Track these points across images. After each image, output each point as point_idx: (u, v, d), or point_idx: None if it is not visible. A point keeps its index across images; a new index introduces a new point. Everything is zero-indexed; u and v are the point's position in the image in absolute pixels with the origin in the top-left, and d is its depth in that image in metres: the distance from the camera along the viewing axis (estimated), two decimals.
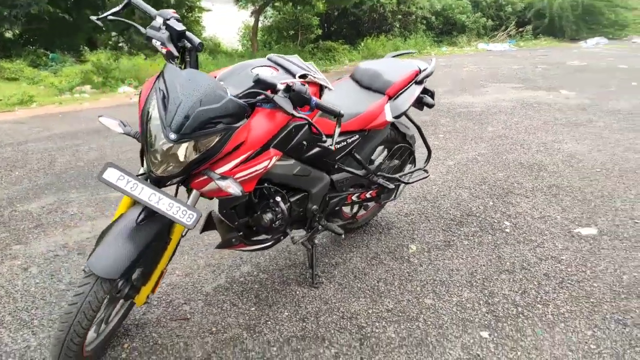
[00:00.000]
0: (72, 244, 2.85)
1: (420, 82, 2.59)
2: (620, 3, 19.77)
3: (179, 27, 1.71)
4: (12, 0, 14.23)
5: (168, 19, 1.73)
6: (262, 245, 2.24)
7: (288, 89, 1.71)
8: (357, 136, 2.33)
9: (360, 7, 15.23)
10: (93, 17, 1.84)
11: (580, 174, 4.00)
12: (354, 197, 2.58)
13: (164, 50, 1.69)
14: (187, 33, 1.73)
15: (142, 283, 1.81)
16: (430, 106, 2.65)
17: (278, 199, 2.01)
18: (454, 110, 6.39)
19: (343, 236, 2.74)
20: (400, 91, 2.48)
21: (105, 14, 1.77)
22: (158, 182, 1.65)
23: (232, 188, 1.64)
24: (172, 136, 1.53)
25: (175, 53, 1.70)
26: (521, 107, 6.61)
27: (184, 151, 1.57)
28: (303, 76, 1.85)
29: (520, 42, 17.90)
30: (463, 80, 8.96)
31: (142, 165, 1.74)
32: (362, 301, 2.32)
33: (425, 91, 2.71)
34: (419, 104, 2.69)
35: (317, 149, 2.10)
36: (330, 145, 1.82)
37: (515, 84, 8.57)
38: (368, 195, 2.66)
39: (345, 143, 2.27)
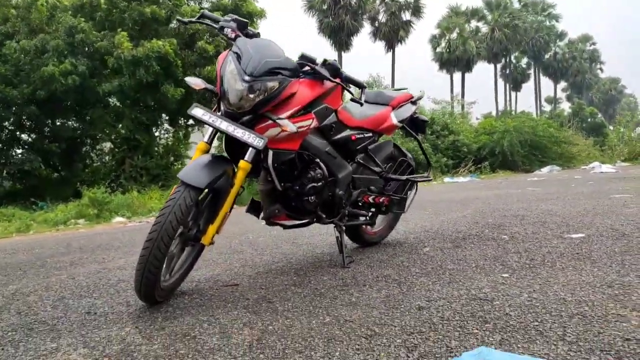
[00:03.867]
0: (110, 267, 3.05)
1: (414, 103, 3.18)
2: (562, 139, 22.26)
3: (244, 20, 2.31)
4: (7, 159, 15.12)
5: (234, 18, 2.33)
6: (299, 222, 2.56)
7: (324, 62, 2.26)
8: (371, 134, 2.82)
9: None
10: (179, 18, 2.44)
11: (560, 217, 4.45)
12: (370, 199, 2.96)
13: (233, 35, 2.25)
14: (249, 27, 2.33)
15: (210, 222, 2.09)
16: (424, 122, 3.21)
17: (317, 160, 2.41)
18: (435, 199, 6.99)
19: (367, 218, 3.03)
20: (400, 104, 3.05)
21: (186, 20, 2.37)
22: (232, 118, 2.07)
23: (289, 127, 2.08)
24: (247, 78, 2.01)
25: (242, 37, 2.27)
26: (495, 197, 7.26)
27: (253, 91, 2.04)
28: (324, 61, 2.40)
29: (481, 175, 19.53)
30: (441, 192, 9.76)
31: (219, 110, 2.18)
32: (391, 270, 2.57)
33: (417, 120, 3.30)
34: (415, 125, 3.24)
35: (342, 134, 2.58)
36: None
37: (486, 190, 9.39)
38: (381, 200, 3.04)
39: (362, 136, 2.75)
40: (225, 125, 2.03)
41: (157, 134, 15.12)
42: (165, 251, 1.88)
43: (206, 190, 2.05)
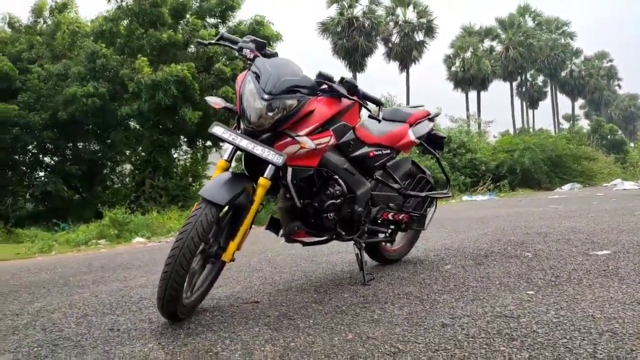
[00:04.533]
0: (132, 285, 3.07)
1: (431, 119, 3.18)
2: (583, 155, 21.99)
3: (262, 41, 2.35)
4: (31, 181, 15.43)
5: (252, 39, 2.38)
6: (319, 239, 2.56)
7: (341, 80, 2.29)
8: (389, 151, 2.82)
9: None
10: (199, 40, 2.50)
11: (585, 234, 4.36)
12: (389, 216, 2.95)
13: (251, 55, 2.29)
14: (266, 47, 2.37)
15: (230, 239, 2.10)
16: (442, 138, 3.20)
17: (336, 177, 2.41)
18: (454, 218, 6.91)
19: (387, 235, 3.04)
20: (418, 121, 3.05)
21: (206, 42, 2.42)
22: (252, 136, 2.10)
23: (308, 143, 2.10)
24: (266, 96, 2.04)
25: (260, 57, 2.31)
26: (516, 214, 7.15)
27: (272, 109, 2.07)
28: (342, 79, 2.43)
29: (500, 193, 19.30)
30: (459, 210, 9.67)
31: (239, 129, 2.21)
32: (412, 287, 2.54)
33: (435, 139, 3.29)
34: (432, 142, 3.23)
35: (360, 151, 2.59)
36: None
37: (506, 208, 9.27)
38: (401, 218, 3.02)
39: (380, 153, 2.75)
40: (245, 143, 2.06)
41: (175, 155, 15.36)
42: (187, 267, 1.89)
43: (226, 207, 2.07)
